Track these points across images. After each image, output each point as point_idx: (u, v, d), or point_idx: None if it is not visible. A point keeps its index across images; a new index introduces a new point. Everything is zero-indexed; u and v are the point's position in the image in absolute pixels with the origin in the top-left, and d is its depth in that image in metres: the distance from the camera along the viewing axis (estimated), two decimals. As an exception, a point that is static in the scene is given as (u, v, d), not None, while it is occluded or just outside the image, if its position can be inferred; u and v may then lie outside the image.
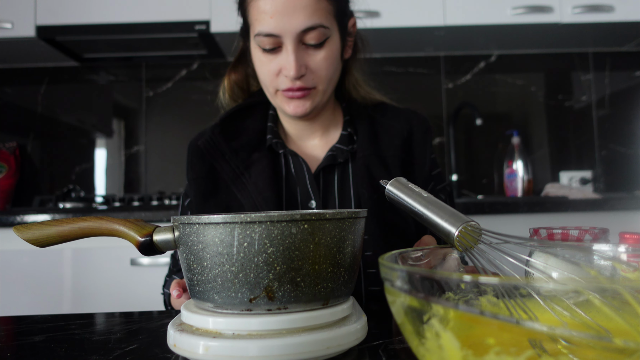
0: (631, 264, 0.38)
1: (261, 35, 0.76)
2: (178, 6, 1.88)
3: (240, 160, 0.84)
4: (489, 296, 0.38)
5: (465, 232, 0.39)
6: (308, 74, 0.78)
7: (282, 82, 0.79)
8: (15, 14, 1.87)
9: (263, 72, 0.80)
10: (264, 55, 0.79)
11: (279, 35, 0.75)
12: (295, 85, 0.77)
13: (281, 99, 0.81)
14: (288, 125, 0.90)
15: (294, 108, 0.80)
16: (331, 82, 0.82)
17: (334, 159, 0.84)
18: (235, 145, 0.86)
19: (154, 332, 0.53)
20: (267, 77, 0.80)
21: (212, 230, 0.41)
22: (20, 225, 0.48)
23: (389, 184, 0.47)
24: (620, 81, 2.27)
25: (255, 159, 0.84)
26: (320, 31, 0.75)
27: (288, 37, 0.75)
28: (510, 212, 1.57)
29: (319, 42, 0.76)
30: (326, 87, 0.81)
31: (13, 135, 2.22)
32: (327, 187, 0.84)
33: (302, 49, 0.77)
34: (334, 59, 0.80)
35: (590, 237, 0.52)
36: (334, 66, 0.81)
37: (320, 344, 0.39)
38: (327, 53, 0.78)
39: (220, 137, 0.86)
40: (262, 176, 0.82)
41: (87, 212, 1.69)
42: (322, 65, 0.78)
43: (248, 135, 0.87)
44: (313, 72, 0.78)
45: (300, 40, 0.76)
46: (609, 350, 0.22)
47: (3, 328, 0.58)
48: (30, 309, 1.52)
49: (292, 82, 0.77)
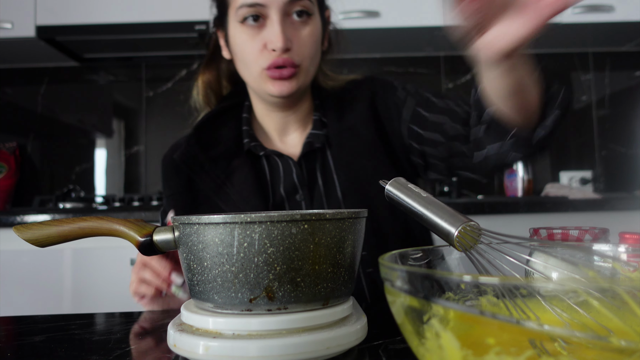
0: (631, 264, 0.38)
1: (245, 6, 0.74)
2: (178, 6, 1.88)
3: (220, 170, 0.82)
4: (489, 296, 0.38)
5: (465, 233, 0.39)
6: (294, 49, 0.75)
7: (267, 58, 0.75)
8: (15, 14, 1.87)
9: (246, 50, 0.77)
10: (246, 32, 0.76)
11: (265, 4, 0.73)
12: (281, 59, 0.74)
13: (266, 79, 0.77)
14: (267, 120, 0.87)
15: (280, 87, 0.77)
16: (313, 64, 0.80)
17: (311, 146, 0.83)
18: (213, 154, 0.83)
19: (154, 332, 0.53)
20: (250, 56, 0.77)
21: (212, 231, 0.41)
22: (20, 225, 0.48)
23: (388, 184, 0.47)
24: (620, 81, 2.27)
25: (236, 167, 0.82)
26: (306, 3, 0.75)
27: (274, 7, 0.73)
28: (510, 212, 1.57)
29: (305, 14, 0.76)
30: (309, 66, 0.79)
31: (13, 135, 2.22)
32: (311, 177, 0.83)
33: (288, 22, 0.75)
34: (317, 37, 0.79)
35: (590, 237, 0.52)
36: (317, 46, 0.79)
37: (320, 344, 0.39)
38: (312, 29, 0.77)
39: (197, 148, 0.83)
40: (246, 184, 0.80)
41: (87, 212, 1.69)
42: (308, 42, 0.76)
43: (225, 142, 0.85)
44: (299, 47, 0.76)
45: (286, 12, 0.74)
46: (608, 351, 0.22)
47: (3, 328, 0.58)
48: (30, 309, 1.52)
49: (278, 55, 0.74)
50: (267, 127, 0.88)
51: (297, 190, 0.82)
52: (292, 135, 0.88)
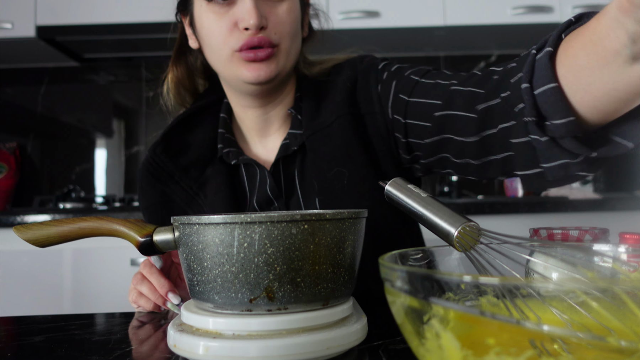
0: (631, 264, 0.38)
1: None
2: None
3: (192, 180, 0.75)
4: (489, 296, 0.38)
5: (465, 233, 0.39)
6: (270, 26, 0.66)
7: (238, 39, 0.65)
8: (15, 14, 1.87)
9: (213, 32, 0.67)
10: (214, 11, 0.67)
11: None
12: (256, 37, 0.64)
13: (238, 63, 0.67)
14: (244, 119, 0.77)
15: (256, 71, 0.66)
16: (294, 44, 0.70)
17: (287, 149, 0.73)
18: (183, 162, 0.75)
19: (154, 332, 0.53)
20: (219, 38, 0.67)
21: (212, 231, 0.41)
22: (21, 226, 0.48)
23: (387, 185, 0.47)
24: (620, 81, 2.27)
25: (209, 175, 0.75)
26: None
27: None
28: (511, 212, 1.57)
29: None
30: (289, 46, 0.68)
31: (13, 135, 2.22)
32: (289, 182, 0.74)
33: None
34: (295, 16, 0.69)
35: (591, 238, 0.52)
36: (297, 25, 0.70)
37: (321, 344, 0.40)
38: (289, 6, 0.68)
39: (164, 157, 0.75)
40: (218, 197, 0.73)
41: (87, 213, 1.69)
42: (285, 19, 0.67)
43: (198, 148, 0.76)
44: (275, 25, 0.66)
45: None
46: (608, 351, 0.22)
47: (3, 328, 0.58)
48: (31, 309, 1.52)
49: (251, 34, 0.65)
50: (246, 126, 0.78)
51: (272, 202, 0.74)
52: (273, 136, 0.78)
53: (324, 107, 0.73)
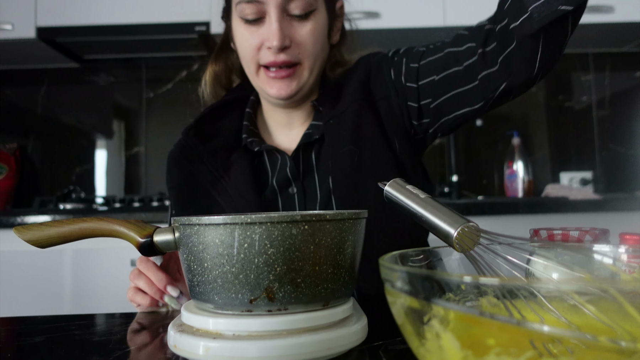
0: (631, 265, 0.38)
1: (243, 2, 0.72)
2: (178, 7, 1.88)
3: (218, 163, 0.80)
4: (489, 297, 0.38)
5: (464, 234, 0.39)
6: (293, 47, 0.73)
7: (264, 56, 0.73)
8: (15, 15, 1.87)
9: (244, 47, 0.75)
10: (245, 28, 0.74)
11: (262, 1, 0.71)
12: (279, 58, 0.72)
13: (263, 80, 0.75)
14: (271, 116, 0.85)
15: (278, 90, 0.74)
16: (317, 61, 0.76)
17: (309, 137, 0.80)
18: (211, 146, 0.82)
19: (155, 332, 0.53)
20: (248, 52, 0.74)
21: (213, 231, 0.41)
22: (21, 226, 0.48)
23: (387, 186, 0.47)
24: (621, 82, 2.27)
25: (234, 160, 0.80)
26: (305, 1, 0.72)
27: (271, 5, 0.71)
28: (511, 213, 1.57)
29: (304, 13, 0.72)
30: (312, 64, 0.75)
31: (13, 136, 2.22)
32: (307, 169, 0.80)
33: (287, 20, 0.72)
34: (320, 34, 0.75)
35: (591, 238, 0.52)
36: (321, 43, 0.76)
37: (321, 344, 0.39)
38: (313, 26, 0.73)
39: (195, 139, 0.82)
40: (243, 178, 0.78)
41: (88, 213, 1.69)
42: (308, 39, 0.73)
43: (225, 135, 0.83)
44: (298, 45, 0.73)
45: (284, 10, 0.72)
46: (608, 351, 0.22)
47: (3, 329, 0.58)
48: (31, 309, 1.52)
49: (275, 55, 0.72)
50: (273, 120, 0.86)
51: (290, 184, 0.79)
52: (297, 129, 0.85)
53: (341, 98, 0.80)
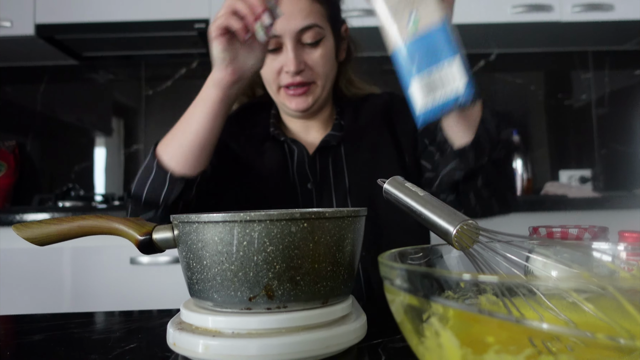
0: (630, 263, 0.38)
1: None
2: (178, 4, 1.87)
3: (253, 148, 0.92)
4: (488, 295, 0.38)
5: (463, 231, 0.39)
6: (307, 70, 0.86)
7: (283, 79, 0.86)
8: (14, 12, 1.86)
9: (267, 72, 0.87)
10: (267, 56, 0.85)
11: (280, 34, 0.83)
12: (296, 80, 0.85)
13: (284, 97, 0.88)
14: (289, 123, 0.97)
15: (296, 104, 0.87)
16: (328, 79, 0.90)
17: (327, 143, 0.92)
18: (248, 133, 0.94)
19: (154, 331, 0.53)
20: (270, 76, 0.87)
21: (212, 229, 0.41)
22: (20, 224, 0.48)
23: (386, 183, 0.47)
24: (620, 80, 2.27)
25: (267, 148, 0.92)
26: (315, 30, 0.84)
27: (287, 37, 0.83)
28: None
29: (315, 41, 0.85)
30: (324, 82, 0.88)
31: (12, 134, 2.22)
32: (323, 171, 0.91)
33: (300, 47, 0.85)
34: (329, 57, 0.88)
35: (590, 236, 0.52)
36: (330, 64, 0.89)
37: (320, 342, 0.40)
38: (323, 51, 0.86)
39: (237, 126, 0.94)
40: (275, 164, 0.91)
41: (87, 211, 1.69)
42: (319, 62, 0.86)
43: (259, 127, 0.95)
44: (311, 68, 0.86)
45: (298, 40, 0.84)
46: (607, 349, 0.22)
47: (3, 327, 0.58)
48: (30, 308, 1.52)
49: (292, 77, 0.85)
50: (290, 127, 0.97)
51: (309, 179, 0.90)
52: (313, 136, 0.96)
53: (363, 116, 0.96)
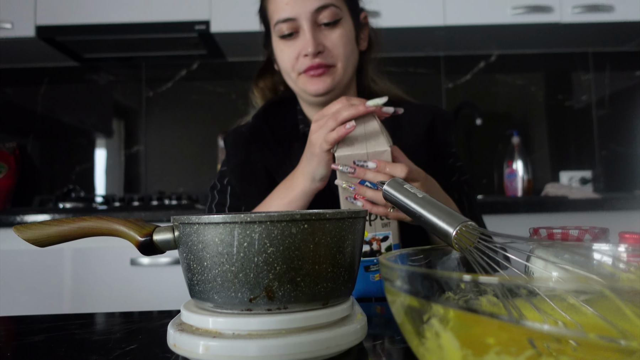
0: (631, 264, 0.38)
1: (280, 22, 0.83)
2: (178, 6, 1.88)
3: (283, 149, 0.90)
4: (489, 296, 0.38)
5: (462, 233, 0.39)
6: (326, 52, 0.83)
7: (302, 64, 0.84)
8: (15, 14, 1.87)
9: (284, 60, 0.86)
10: (284, 43, 0.85)
11: (295, 17, 0.82)
12: (315, 62, 0.83)
13: (303, 81, 0.86)
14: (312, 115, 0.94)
15: (315, 85, 0.84)
16: (349, 62, 0.86)
17: None
18: (277, 135, 0.92)
19: (154, 332, 0.53)
20: (288, 63, 0.86)
21: (212, 230, 0.41)
22: (20, 225, 0.48)
23: (386, 184, 0.47)
24: (621, 81, 2.27)
25: (296, 149, 0.89)
26: (332, 10, 0.82)
27: (303, 18, 0.82)
28: (510, 212, 1.57)
29: (333, 21, 0.83)
30: (345, 65, 0.85)
31: (13, 135, 2.22)
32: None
33: (318, 29, 0.83)
34: (348, 38, 0.85)
35: (590, 237, 0.52)
36: (351, 46, 0.86)
37: (320, 344, 0.39)
38: (342, 32, 0.84)
39: (265, 127, 0.92)
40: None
41: (87, 212, 1.69)
42: (339, 43, 0.84)
43: (286, 126, 0.93)
44: (330, 50, 0.84)
45: (315, 21, 0.83)
46: (607, 350, 0.22)
47: (3, 328, 0.58)
48: (30, 308, 1.52)
49: (311, 60, 0.82)
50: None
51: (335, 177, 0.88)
52: None
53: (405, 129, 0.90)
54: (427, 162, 0.85)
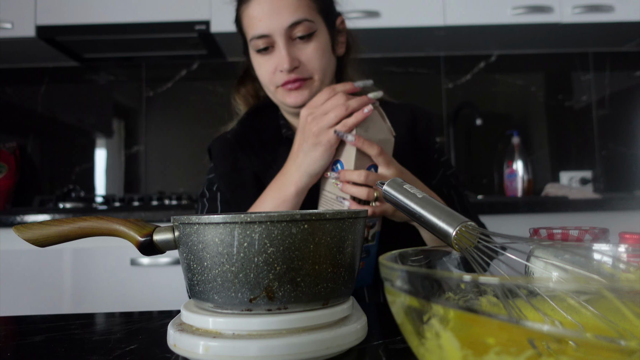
0: (631, 264, 0.38)
1: (255, 38, 0.83)
2: (178, 6, 1.88)
3: (268, 153, 0.90)
4: (489, 296, 0.38)
5: (462, 234, 0.39)
6: (302, 66, 0.84)
7: (279, 78, 0.84)
8: (15, 14, 1.87)
9: (262, 74, 0.87)
10: (260, 58, 0.85)
11: (270, 34, 0.82)
12: (291, 77, 0.83)
13: (281, 94, 0.86)
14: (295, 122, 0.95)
15: (294, 98, 0.85)
16: (326, 74, 0.87)
17: None
18: (262, 138, 0.92)
19: (154, 332, 0.53)
20: (265, 77, 0.86)
21: (212, 230, 0.41)
22: (20, 225, 0.48)
23: (385, 185, 0.47)
24: (621, 81, 2.27)
25: (282, 152, 0.89)
26: (306, 25, 0.82)
27: (277, 35, 0.81)
28: (510, 212, 1.57)
29: (307, 34, 0.82)
30: (322, 76, 0.86)
31: (13, 135, 2.22)
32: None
33: (292, 44, 0.83)
34: (324, 50, 0.85)
35: (590, 237, 0.52)
36: (327, 57, 0.86)
37: (320, 344, 0.40)
38: (316, 45, 0.84)
39: (251, 132, 0.92)
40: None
41: (87, 212, 1.69)
42: (314, 56, 0.84)
43: (270, 130, 0.94)
44: (306, 64, 0.84)
45: (289, 36, 0.82)
46: (608, 350, 0.22)
47: (3, 328, 0.58)
48: (30, 309, 1.52)
49: (287, 75, 0.83)
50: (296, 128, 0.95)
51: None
52: None
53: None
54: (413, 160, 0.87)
